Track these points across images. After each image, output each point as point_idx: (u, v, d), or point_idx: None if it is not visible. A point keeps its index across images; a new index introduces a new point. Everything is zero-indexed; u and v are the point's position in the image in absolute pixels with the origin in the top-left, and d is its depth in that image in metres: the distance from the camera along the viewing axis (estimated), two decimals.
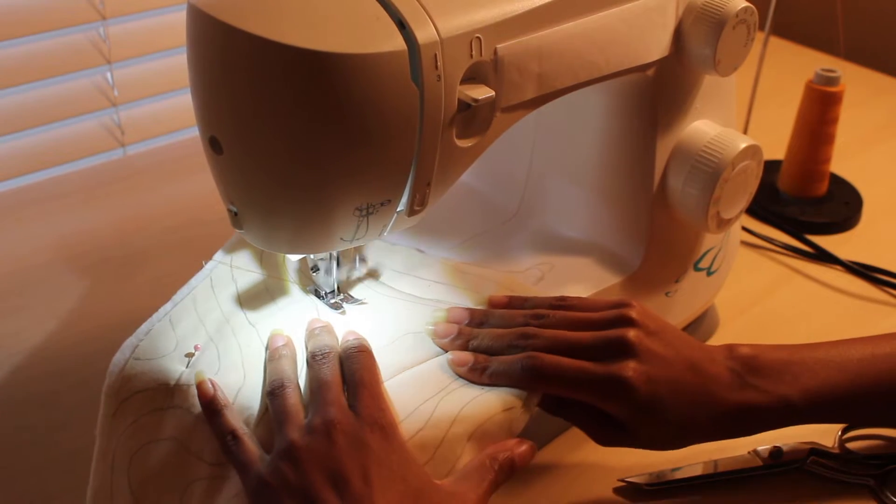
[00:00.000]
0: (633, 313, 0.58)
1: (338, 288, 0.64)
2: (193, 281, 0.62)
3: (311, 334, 0.59)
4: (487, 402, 0.56)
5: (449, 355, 0.59)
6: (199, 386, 0.55)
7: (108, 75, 1.00)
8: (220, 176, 0.55)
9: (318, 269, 0.63)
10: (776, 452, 0.65)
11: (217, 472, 0.53)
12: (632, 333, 0.57)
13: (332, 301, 0.63)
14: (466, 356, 0.58)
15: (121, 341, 0.66)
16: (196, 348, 0.57)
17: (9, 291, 0.81)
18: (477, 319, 0.61)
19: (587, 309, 0.60)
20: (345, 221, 0.54)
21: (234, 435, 0.53)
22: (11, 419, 0.68)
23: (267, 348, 0.58)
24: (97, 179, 0.97)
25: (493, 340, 0.59)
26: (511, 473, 0.54)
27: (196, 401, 0.55)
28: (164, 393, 0.55)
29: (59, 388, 0.71)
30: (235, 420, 0.54)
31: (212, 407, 0.54)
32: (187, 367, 0.56)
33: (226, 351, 0.58)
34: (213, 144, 0.53)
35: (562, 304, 0.61)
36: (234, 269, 0.63)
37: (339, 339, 0.58)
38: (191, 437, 0.54)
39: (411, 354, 0.59)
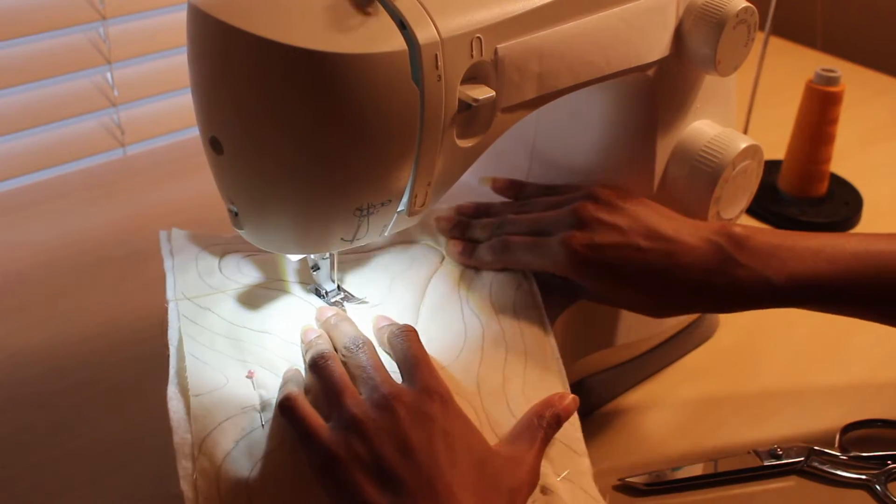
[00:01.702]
0: (597, 191, 0.63)
1: (338, 287, 0.64)
2: (172, 322, 0.59)
3: (331, 327, 0.59)
4: (521, 371, 0.58)
5: (448, 244, 0.66)
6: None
7: (108, 75, 1.00)
8: (221, 176, 0.55)
9: (318, 269, 0.63)
10: (776, 452, 0.65)
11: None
12: (582, 206, 0.62)
13: (333, 300, 0.63)
14: (458, 242, 0.66)
15: (121, 341, 0.66)
16: (251, 375, 0.56)
17: (9, 291, 0.80)
18: (482, 212, 0.69)
19: (567, 192, 0.66)
20: (345, 221, 0.54)
21: (289, 397, 0.53)
22: (11, 419, 0.68)
23: (302, 342, 0.59)
24: (97, 179, 0.97)
25: (481, 230, 0.66)
26: (558, 427, 0.56)
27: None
28: (254, 413, 0.54)
29: (59, 388, 0.70)
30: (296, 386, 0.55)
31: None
32: (255, 388, 0.55)
33: (272, 365, 0.57)
34: (214, 144, 0.53)
35: (549, 191, 0.68)
36: (194, 301, 0.61)
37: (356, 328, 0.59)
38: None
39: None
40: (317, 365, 0.55)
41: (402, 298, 0.64)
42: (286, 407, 0.53)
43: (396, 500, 0.48)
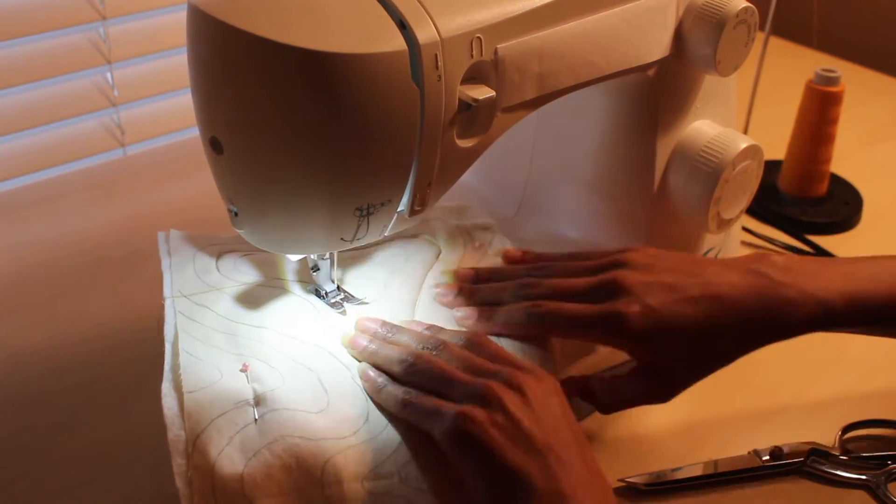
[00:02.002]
0: (627, 256, 0.61)
1: (338, 287, 0.64)
2: (168, 318, 0.60)
3: (386, 342, 0.59)
4: None
5: (457, 313, 0.61)
6: (362, 374, 0.57)
7: (108, 75, 1.00)
8: (221, 176, 0.55)
9: (318, 269, 0.63)
10: (776, 452, 0.65)
11: (346, 445, 0.53)
12: (621, 274, 0.59)
13: (333, 301, 0.63)
14: (471, 310, 0.61)
15: (121, 341, 0.66)
16: (245, 368, 0.56)
17: (9, 291, 0.80)
18: (484, 277, 0.64)
19: (590, 258, 0.63)
20: (345, 221, 0.54)
21: (408, 392, 0.54)
22: (11, 419, 0.68)
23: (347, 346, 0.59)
24: (97, 179, 0.97)
25: (495, 293, 0.62)
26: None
27: (288, 401, 0.54)
28: (247, 407, 0.54)
29: (59, 388, 0.70)
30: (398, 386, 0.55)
31: (375, 385, 0.56)
32: (249, 381, 0.55)
33: (267, 357, 0.57)
34: (214, 144, 0.53)
35: (571, 257, 0.64)
36: (190, 298, 0.61)
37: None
38: (303, 427, 0.53)
39: None
40: (414, 366, 0.55)
41: (397, 295, 0.64)
42: (401, 401, 0.54)
43: (537, 464, 0.49)
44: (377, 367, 0.57)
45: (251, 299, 0.62)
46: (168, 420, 0.53)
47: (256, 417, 0.53)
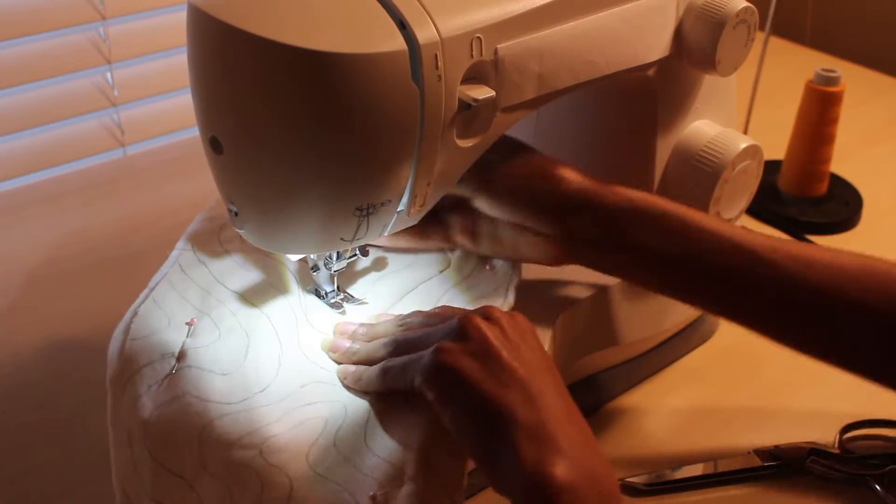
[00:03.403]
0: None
1: (338, 287, 0.64)
2: (164, 268, 0.63)
3: (363, 335, 0.59)
4: None
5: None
6: (340, 375, 0.56)
7: (108, 75, 1.00)
8: (220, 176, 0.55)
9: (318, 269, 0.63)
10: (776, 452, 0.65)
11: (242, 408, 0.54)
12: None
13: (333, 301, 0.63)
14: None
15: None
16: (191, 322, 0.58)
17: (9, 291, 0.81)
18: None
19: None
20: (345, 221, 0.54)
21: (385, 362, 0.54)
22: (11, 419, 0.68)
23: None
24: (97, 179, 0.97)
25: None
26: None
27: (205, 360, 0.56)
28: (171, 360, 0.56)
29: (59, 388, 0.70)
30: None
31: (355, 376, 0.56)
32: (188, 335, 0.57)
33: (220, 318, 0.59)
34: (214, 144, 0.53)
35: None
36: (197, 252, 0.64)
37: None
38: (202, 387, 0.55)
39: None
40: (396, 341, 0.55)
41: (380, 295, 0.64)
42: (380, 371, 0.54)
43: (517, 395, 0.48)
44: (361, 364, 0.57)
45: (226, 269, 0.63)
46: (108, 360, 0.57)
47: (174, 371, 0.55)
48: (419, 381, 0.51)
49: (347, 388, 0.56)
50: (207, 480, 0.52)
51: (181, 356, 0.56)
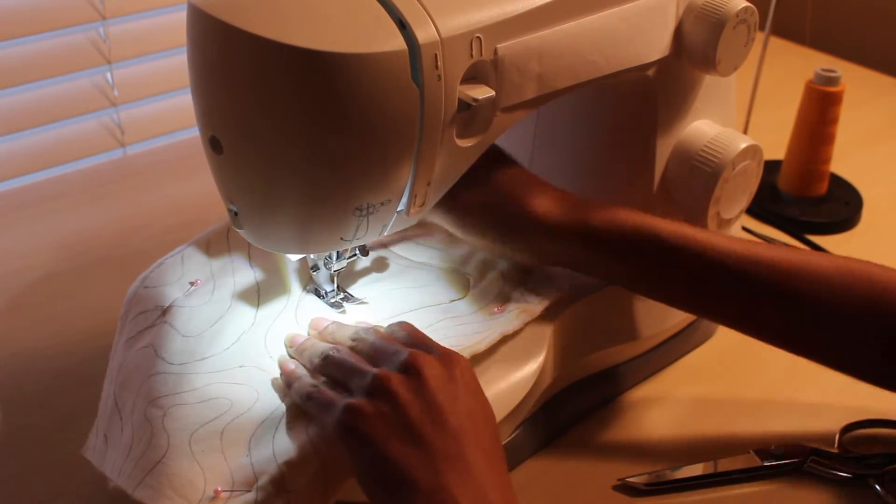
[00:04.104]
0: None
1: (338, 287, 0.64)
2: (215, 226, 0.65)
3: (331, 333, 0.59)
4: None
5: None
6: (282, 365, 0.58)
7: (108, 75, 1.00)
8: (220, 176, 0.55)
9: (318, 269, 0.63)
10: (776, 452, 0.65)
11: (178, 370, 0.57)
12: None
13: (333, 300, 0.63)
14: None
15: None
16: (195, 283, 0.62)
17: (9, 291, 0.80)
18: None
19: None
20: (345, 221, 0.54)
21: (315, 386, 0.54)
22: (11, 419, 0.68)
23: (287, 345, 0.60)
24: (97, 179, 0.97)
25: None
26: None
27: (178, 320, 0.59)
28: (158, 312, 0.60)
29: (59, 388, 0.70)
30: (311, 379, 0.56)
31: (291, 378, 0.56)
32: (185, 294, 0.61)
33: (220, 286, 0.62)
34: (214, 144, 0.53)
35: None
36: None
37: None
38: (162, 342, 0.58)
39: None
40: (329, 357, 0.55)
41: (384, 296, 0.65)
42: (306, 392, 0.54)
43: (421, 458, 0.48)
44: (304, 363, 0.58)
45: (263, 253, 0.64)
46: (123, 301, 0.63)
47: (154, 323, 0.60)
48: (331, 431, 0.51)
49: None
50: (128, 426, 0.55)
51: (165, 311, 0.60)
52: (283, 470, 0.51)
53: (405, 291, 0.65)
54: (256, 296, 0.62)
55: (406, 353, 0.52)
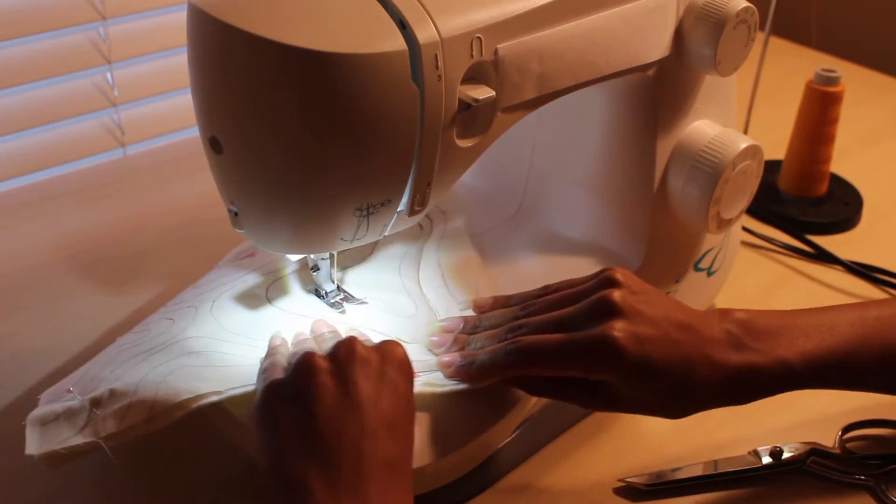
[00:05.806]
0: (616, 275, 0.57)
1: (338, 287, 0.64)
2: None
3: (323, 341, 0.59)
4: None
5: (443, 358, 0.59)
6: (270, 339, 0.59)
7: (108, 75, 1.00)
8: (221, 176, 0.55)
9: (318, 269, 0.63)
10: (776, 452, 0.65)
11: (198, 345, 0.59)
12: (615, 294, 0.55)
13: (333, 301, 0.63)
14: (453, 355, 0.58)
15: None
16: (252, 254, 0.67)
17: (9, 291, 0.80)
18: (470, 325, 0.61)
19: (571, 287, 0.60)
20: (345, 221, 0.54)
21: (274, 364, 0.55)
22: (11, 419, 0.68)
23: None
24: (97, 179, 0.97)
25: (486, 340, 0.59)
26: None
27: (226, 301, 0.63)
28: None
29: None
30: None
31: (270, 352, 0.58)
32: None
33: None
34: (214, 144, 0.53)
35: (546, 291, 0.61)
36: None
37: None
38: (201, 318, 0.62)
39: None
40: (270, 353, 0.57)
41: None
42: (263, 367, 0.55)
43: (317, 466, 0.48)
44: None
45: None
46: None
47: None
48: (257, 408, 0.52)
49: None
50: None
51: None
52: (104, 393, 0.55)
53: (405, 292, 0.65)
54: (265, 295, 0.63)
55: (343, 340, 0.54)
